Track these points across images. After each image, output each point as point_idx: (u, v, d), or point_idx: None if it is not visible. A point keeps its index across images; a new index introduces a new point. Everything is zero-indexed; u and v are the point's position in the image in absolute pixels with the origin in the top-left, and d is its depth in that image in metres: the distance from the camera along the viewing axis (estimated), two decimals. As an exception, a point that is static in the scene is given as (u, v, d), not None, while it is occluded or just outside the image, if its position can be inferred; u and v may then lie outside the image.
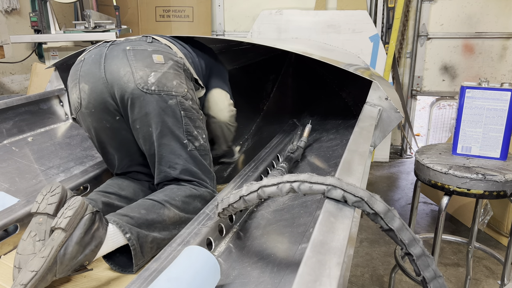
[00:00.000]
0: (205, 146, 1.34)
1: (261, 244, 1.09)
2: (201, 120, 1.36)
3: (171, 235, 1.20)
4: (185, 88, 1.29)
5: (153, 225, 1.17)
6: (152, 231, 1.16)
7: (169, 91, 1.24)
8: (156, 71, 1.24)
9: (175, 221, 1.23)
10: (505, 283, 1.77)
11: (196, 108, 1.34)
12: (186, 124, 1.29)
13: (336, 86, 2.54)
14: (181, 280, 0.86)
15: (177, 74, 1.28)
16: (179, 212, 1.24)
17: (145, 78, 1.23)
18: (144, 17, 3.82)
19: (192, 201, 1.29)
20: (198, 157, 1.32)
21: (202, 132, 1.34)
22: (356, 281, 2.17)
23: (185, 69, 1.34)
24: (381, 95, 1.41)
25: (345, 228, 0.65)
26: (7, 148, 1.70)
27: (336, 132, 1.95)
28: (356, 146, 1.04)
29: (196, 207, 1.29)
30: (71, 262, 0.96)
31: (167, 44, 1.39)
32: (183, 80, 1.30)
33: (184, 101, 1.28)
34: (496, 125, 1.55)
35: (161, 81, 1.23)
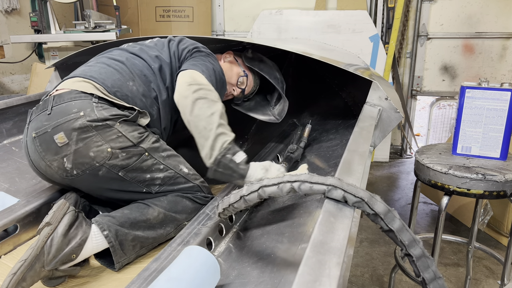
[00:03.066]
0: (168, 174, 1.23)
1: (261, 244, 1.09)
2: (147, 156, 1.19)
3: (157, 234, 1.19)
4: (107, 148, 1.13)
5: (136, 224, 1.15)
6: (135, 229, 1.14)
7: (92, 166, 1.14)
8: (66, 154, 1.13)
9: (161, 220, 1.21)
10: (505, 283, 1.77)
11: (133, 150, 1.17)
12: (133, 178, 1.19)
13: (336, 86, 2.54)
14: (181, 280, 0.86)
15: (89, 141, 1.12)
16: (165, 211, 1.22)
17: (61, 167, 1.14)
18: (144, 17, 3.82)
19: (180, 200, 1.27)
20: (168, 188, 1.25)
21: (155, 166, 1.21)
22: (356, 281, 2.17)
23: (98, 124, 1.13)
24: (381, 95, 1.41)
25: (345, 228, 0.65)
26: (7, 148, 1.70)
27: (336, 132, 1.95)
28: (356, 146, 1.04)
29: (186, 206, 1.27)
30: (58, 253, 1.00)
31: (79, 88, 1.18)
32: (99, 141, 1.13)
33: (114, 162, 1.14)
34: (496, 125, 1.55)
35: (78, 161, 1.13)
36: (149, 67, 1.33)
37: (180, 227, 1.25)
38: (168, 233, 1.23)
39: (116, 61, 1.31)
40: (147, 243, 1.18)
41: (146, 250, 1.20)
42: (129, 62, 1.31)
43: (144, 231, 1.17)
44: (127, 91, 1.24)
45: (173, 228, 1.24)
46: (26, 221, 1.29)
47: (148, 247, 1.20)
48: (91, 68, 1.29)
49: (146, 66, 1.33)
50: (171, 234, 1.23)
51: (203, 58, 1.39)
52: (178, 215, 1.24)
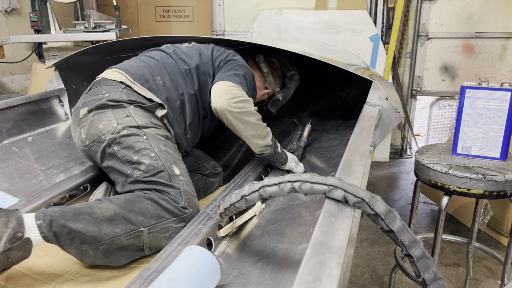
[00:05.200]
0: (153, 164, 1.24)
1: (261, 244, 1.09)
2: (141, 136, 1.27)
3: (99, 233, 1.07)
4: (114, 123, 1.27)
5: (79, 215, 1.07)
6: (75, 222, 1.05)
7: (98, 137, 1.28)
8: (83, 126, 1.31)
9: (109, 217, 1.10)
10: (505, 283, 1.77)
11: (134, 130, 1.28)
12: (124, 155, 1.25)
13: (336, 86, 2.54)
14: (181, 280, 0.86)
15: (103, 115, 1.30)
16: (117, 207, 1.12)
17: (80, 137, 1.33)
18: (144, 17, 3.82)
19: (140, 201, 1.17)
20: (150, 179, 1.23)
21: (146, 151, 1.25)
22: (356, 281, 2.17)
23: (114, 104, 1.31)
24: (381, 95, 1.41)
25: (345, 228, 0.65)
26: (7, 148, 1.70)
27: (336, 132, 1.95)
28: (356, 146, 1.04)
29: (144, 208, 1.16)
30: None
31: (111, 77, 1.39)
32: (111, 117, 1.29)
33: (114, 136, 1.26)
34: (496, 125, 1.55)
35: (90, 132, 1.29)
36: (178, 67, 1.48)
37: (135, 234, 1.12)
38: (116, 235, 1.09)
39: (151, 58, 1.49)
40: (87, 240, 1.06)
41: (92, 250, 1.07)
42: (162, 61, 1.48)
43: (85, 226, 1.06)
44: (153, 84, 1.40)
45: (124, 232, 1.11)
46: (26, 221, 1.29)
47: (92, 247, 1.07)
48: (128, 62, 1.48)
49: (176, 66, 1.48)
50: (120, 238, 1.10)
51: (237, 68, 1.52)
52: (132, 215, 1.13)
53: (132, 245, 1.13)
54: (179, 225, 1.19)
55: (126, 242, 1.11)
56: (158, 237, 1.16)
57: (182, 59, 1.51)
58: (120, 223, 1.11)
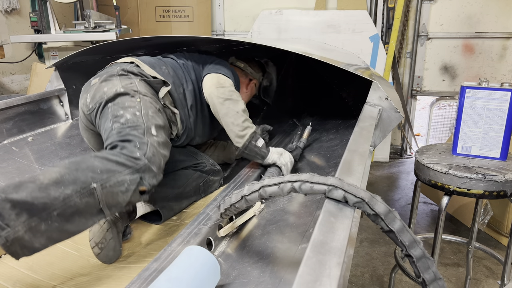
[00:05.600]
0: (134, 119, 1.27)
1: (261, 244, 1.09)
2: (135, 98, 1.34)
3: (49, 197, 0.98)
4: (117, 86, 1.37)
5: (21, 185, 0.98)
6: (18, 192, 0.96)
7: (101, 99, 1.35)
8: (90, 91, 1.41)
9: (55, 179, 1.01)
10: (505, 283, 1.77)
11: (131, 91, 1.36)
12: (112, 111, 1.31)
13: (336, 86, 2.55)
14: (181, 280, 0.86)
15: (110, 81, 1.40)
16: (63, 169, 1.04)
17: (85, 102, 1.42)
18: (144, 17, 3.82)
19: (86, 160, 1.10)
20: (125, 130, 1.23)
21: (132, 109, 1.30)
22: (356, 281, 2.17)
23: (123, 73, 1.44)
24: (381, 95, 1.41)
25: (345, 228, 0.65)
26: (7, 148, 1.70)
27: (336, 132, 1.95)
28: (356, 146, 1.04)
29: (91, 165, 1.08)
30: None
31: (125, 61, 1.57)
32: (117, 83, 1.39)
33: (113, 96, 1.34)
34: (496, 125, 1.55)
35: (94, 95, 1.38)
36: (177, 63, 1.66)
37: (87, 192, 1.03)
38: (67, 196, 1.00)
39: (157, 56, 1.70)
40: (36, 212, 0.96)
41: (44, 223, 0.97)
42: (165, 58, 1.68)
43: (30, 193, 0.96)
44: (159, 70, 1.55)
45: (74, 191, 1.01)
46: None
47: (44, 218, 0.97)
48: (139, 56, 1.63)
49: (175, 62, 1.67)
50: (72, 199, 1.00)
51: (224, 63, 1.71)
52: (79, 173, 1.04)
53: (87, 205, 1.03)
54: (134, 176, 1.11)
55: (80, 202, 1.01)
56: (114, 192, 1.07)
57: (180, 57, 1.71)
58: (68, 184, 1.01)
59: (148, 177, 1.15)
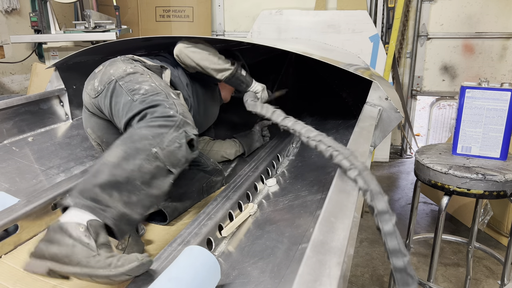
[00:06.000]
0: (153, 89, 1.33)
1: (261, 244, 1.09)
2: (145, 75, 1.41)
3: (127, 170, 1.06)
4: (123, 68, 1.42)
5: (97, 172, 1.06)
6: (98, 177, 1.04)
7: (109, 79, 1.40)
8: (96, 77, 1.46)
9: (121, 156, 1.08)
10: (505, 283, 1.77)
11: (140, 69, 1.44)
12: (127, 86, 1.35)
13: (336, 86, 2.55)
14: (181, 280, 0.86)
15: (115, 65, 1.46)
16: (122, 147, 1.11)
17: (93, 87, 1.46)
18: (144, 17, 3.82)
19: (134, 132, 1.16)
20: (149, 98, 1.29)
21: (147, 82, 1.36)
22: (356, 281, 2.17)
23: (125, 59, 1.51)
24: (381, 95, 1.41)
25: (345, 228, 0.65)
26: (7, 148, 1.70)
27: (336, 132, 1.95)
28: (356, 146, 1.05)
29: (141, 134, 1.15)
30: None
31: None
32: (122, 65, 1.45)
33: (123, 75, 1.39)
34: (496, 125, 1.55)
35: (103, 78, 1.43)
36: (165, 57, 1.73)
37: (153, 156, 1.11)
38: (140, 165, 1.08)
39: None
40: (122, 186, 1.04)
41: (134, 195, 1.05)
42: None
43: (109, 173, 1.04)
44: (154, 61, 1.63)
45: (143, 159, 1.09)
46: (26, 221, 1.29)
47: (130, 190, 1.05)
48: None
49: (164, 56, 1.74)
50: (144, 166, 1.09)
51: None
52: (137, 144, 1.12)
53: (158, 168, 1.11)
54: (179, 132, 1.19)
55: (151, 167, 1.09)
56: (172, 150, 1.15)
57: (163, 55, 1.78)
58: (134, 155, 1.09)
59: (189, 129, 1.22)
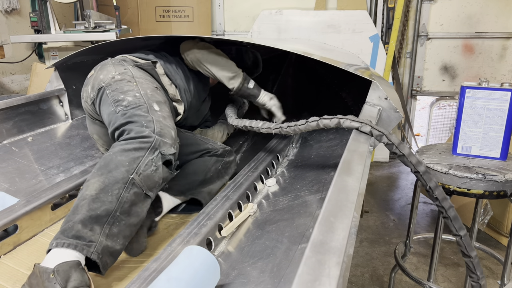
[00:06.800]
0: (136, 100, 1.34)
1: (261, 244, 1.09)
2: (132, 83, 1.42)
3: (105, 202, 1.07)
4: (112, 72, 1.45)
5: (76, 208, 1.07)
6: (77, 213, 1.05)
7: (99, 86, 1.43)
8: (89, 83, 1.50)
9: (99, 188, 1.09)
10: (505, 283, 1.77)
11: (127, 77, 1.44)
12: (112, 96, 1.37)
13: (336, 86, 2.54)
14: (181, 280, 0.86)
15: (105, 69, 1.48)
16: (98, 177, 1.11)
17: (88, 95, 1.49)
18: (144, 17, 3.82)
19: (110, 159, 1.16)
20: (129, 112, 1.30)
21: (132, 92, 1.37)
22: (356, 281, 2.17)
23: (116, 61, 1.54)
24: (380, 95, 1.41)
25: (345, 228, 0.65)
26: (7, 148, 1.70)
27: (336, 132, 1.95)
28: (356, 146, 1.05)
29: (117, 161, 1.14)
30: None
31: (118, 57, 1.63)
32: (111, 70, 1.47)
33: (110, 83, 1.42)
34: (496, 125, 1.55)
35: (94, 84, 1.46)
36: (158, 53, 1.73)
37: (130, 184, 1.11)
38: (119, 195, 1.09)
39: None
40: (103, 219, 1.05)
41: (115, 226, 1.07)
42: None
43: (88, 208, 1.05)
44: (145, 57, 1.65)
45: (121, 188, 1.10)
46: (26, 221, 1.29)
47: (111, 222, 1.06)
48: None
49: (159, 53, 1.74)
50: (123, 196, 1.09)
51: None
52: (114, 173, 1.12)
53: (136, 195, 1.13)
54: (155, 154, 1.19)
55: (130, 195, 1.11)
56: (148, 174, 1.16)
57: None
58: (112, 185, 1.10)
59: (165, 149, 1.22)
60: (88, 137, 1.97)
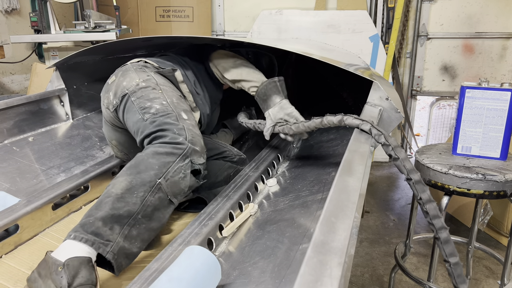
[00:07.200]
0: (164, 108, 1.33)
1: (262, 244, 1.09)
2: (157, 90, 1.40)
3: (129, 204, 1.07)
4: (136, 79, 1.41)
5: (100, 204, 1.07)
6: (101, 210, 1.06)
7: (123, 93, 1.40)
8: (111, 89, 1.45)
9: (125, 187, 1.10)
10: (505, 283, 1.77)
11: (152, 84, 1.42)
12: (138, 103, 1.35)
13: (336, 86, 2.55)
14: (182, 280, 0.86)
15: (127, 75, 1.44)
16: (127, 176, 1.12)
17: (109, 101, 1.45)
18: (144, 17, 3.82)
19: (141, 160, 1.17)
20: (159, 119, 1.29)
21: (159, 100, 1.36)
22: (356, 281, 2.17)
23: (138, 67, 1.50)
24: (381, 95, 1.41)
25: (346, 228, 0.65)
26: (8, 148, 1.70)
27: (336, 132, 1.95)
28: (357, 146, 1.05)
29: (148, 163, 1.15)
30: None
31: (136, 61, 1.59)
32: (134, 76, 1.43)
33: (135, 90, 1.38)
34: (496, 125, 1.56)
35: (116, 91, 1.42)
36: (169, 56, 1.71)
37: (156, 188, 1.12)
38: (143, 198, 1.10)
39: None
40: (124, 219, 1.06)
41: (135, 228, 1.07)
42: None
43: (111, 207, 1.05)
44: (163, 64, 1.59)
45: (147, 191, 1.11)
46: (27, 221, 1.29)
47: (132, 223, 1.07)
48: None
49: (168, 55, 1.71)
50: (148, 199, 1.11)
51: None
52: (143, 175, 1.13)
53: (160, 200, 1.14)
54: (186, 161, 1.19)
55: (154, 199, 1.12)
56: (176, 181, 1.17)
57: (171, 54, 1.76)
58: (138, 187, 1.11)
59: (196, 158, 1.23)
60: (88, 137, 1.97)
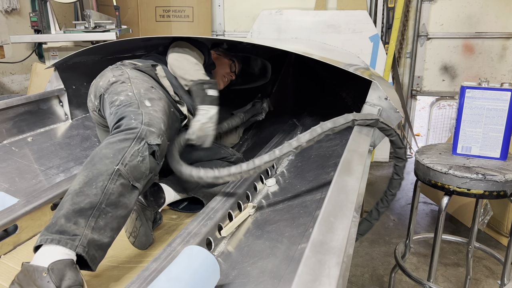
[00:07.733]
0: (128, 99, 1.33)
1: (261, 244, 1.09)
2: (127, 83, 1.42)
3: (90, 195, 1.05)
4: (109, 77, 1.46)
5: (62, 203, 1.06)
6: (62, 209, 1.05)
7: (99, 92, 1.46)
8: (91, 92, 1.53)
9: (83, 181, 1.08)
10: (505, 283, 1.77)
11: (122, 78, 1.45)
12: (109, 99, 1.39)
13: (336, 86, 2.54)
14: (181, 280, 0.86)
15: (104, 75, 1.51)
16: (83, 171, 1.10)
17: (93, 104, 1.52)
18: (144, 17, 3.82)
19: (95, 153, 1.15)
20: (120, 110, 1.29)
21: (125, 92, 1.37)
22: (356, 281, 2.17)
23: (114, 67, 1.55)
24: (380, 95, 1.41)
25: (345, 228, 0.65)
26: (7, 148, 1.70)
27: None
28: (356, 146, 1.05)
29: (102, 154, 1.13)
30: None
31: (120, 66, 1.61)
32: (110, 75, 1.48)
33: (107, 87, 1.43)
34: (496, 125, 1.55)
35: (95, 92, 1.49)
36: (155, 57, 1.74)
37: (116, 175, 1.09)
38: (103, 187, 1.07)
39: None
40: (87, 212, 1.04)
41: (101, 219, 1.05)
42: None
43: (71, 202, 1.04)
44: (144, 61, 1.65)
45: (106, 180, 1.08)
46: (26, 221, 1.29)
47: (97, 214, 1.05)
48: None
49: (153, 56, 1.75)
50: (108, 187, 1.08)
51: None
52: (98, 165, 1.10)
53: (122, 186, 1.10)
54: (142, 144, 1.16)
55: (116, 187, 1.09)
56: (135, 165, 1.14)
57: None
58: (96, 178, 1.08)
59: (152, 139, 1.19)
60: (88, 137, 1.97)
